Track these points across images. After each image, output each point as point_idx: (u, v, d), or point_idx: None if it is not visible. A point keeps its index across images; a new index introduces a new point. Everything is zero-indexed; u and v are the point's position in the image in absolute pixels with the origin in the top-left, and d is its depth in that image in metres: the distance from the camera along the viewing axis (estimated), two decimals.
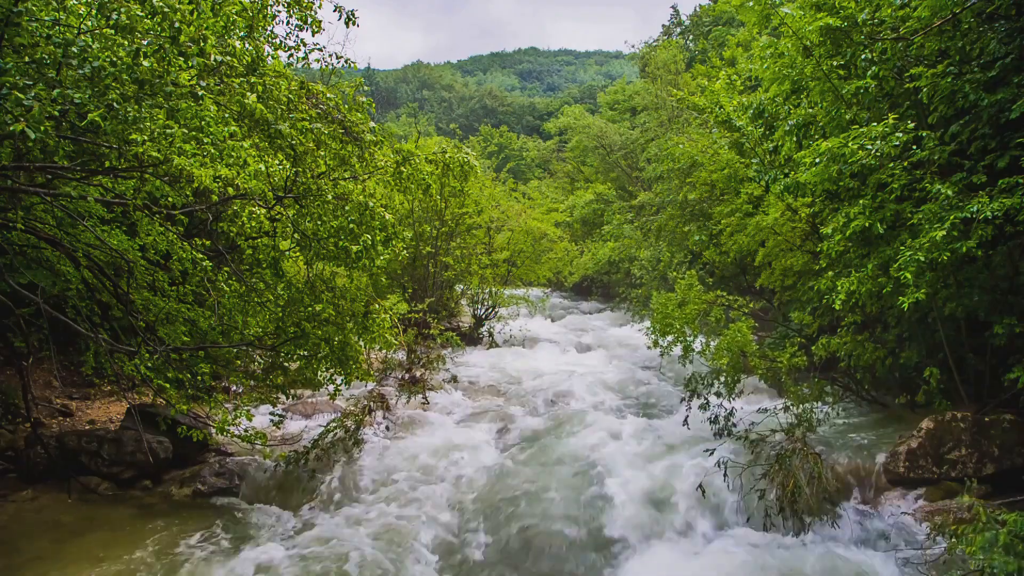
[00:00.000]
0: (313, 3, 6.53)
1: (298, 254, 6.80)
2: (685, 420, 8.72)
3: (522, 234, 18.19)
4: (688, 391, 8.80)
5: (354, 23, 6.70)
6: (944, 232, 5.80)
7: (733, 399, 8.61)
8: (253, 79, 5.55)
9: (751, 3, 8.32)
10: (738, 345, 8.29)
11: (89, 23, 4.26)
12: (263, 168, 5.23)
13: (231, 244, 7.84)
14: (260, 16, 6.18)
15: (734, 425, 8.38)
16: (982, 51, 6.71)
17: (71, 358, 9.51)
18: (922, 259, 5.90)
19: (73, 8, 4.40)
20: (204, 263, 6.32)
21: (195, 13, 4.64)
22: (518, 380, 12.87)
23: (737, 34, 27.54)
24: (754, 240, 10.22)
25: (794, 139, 8.13)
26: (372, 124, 6.74)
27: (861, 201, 6.82)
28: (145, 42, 4.21)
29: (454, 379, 12.20)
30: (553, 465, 8.12)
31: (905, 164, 6.53)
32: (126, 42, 4.20)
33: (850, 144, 6.45)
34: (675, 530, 6.79)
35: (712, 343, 8.76)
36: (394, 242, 6.46)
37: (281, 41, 6.89)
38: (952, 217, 5.88)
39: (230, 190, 5.43)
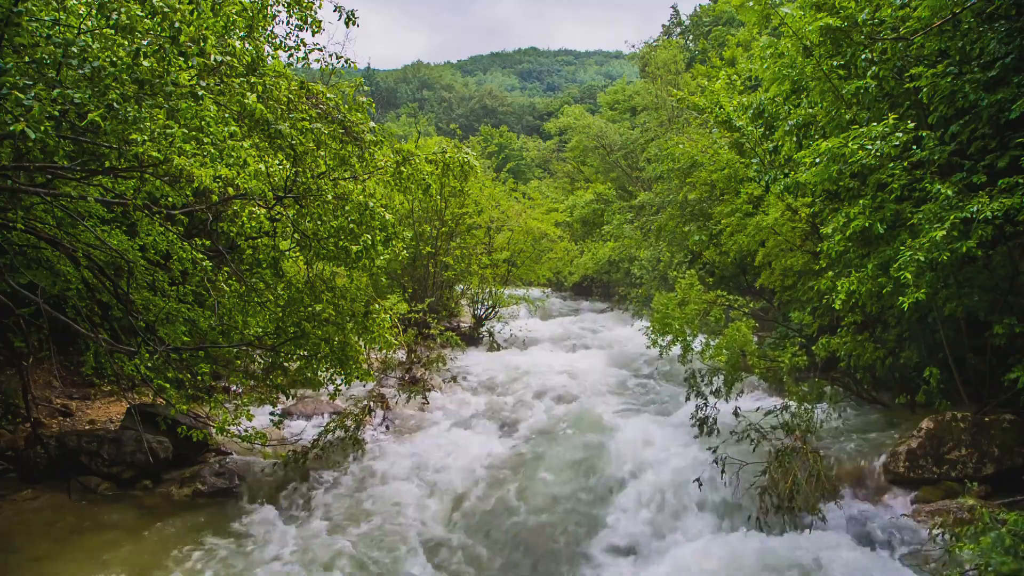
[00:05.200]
0: (313, 3, 6.53)
1: (298, 254, 6.80)
2: (686, 417, 8.72)
3: (522, 234, 18.19)
4: (688, 389, 8.80)
5: (354, 23, 6.70)
6: (944, 232, 5.80)
7: (733, 398, 8.61)
8: (253, 79, 5.54)
9: (751, 3, 8.32)
10: (738, 344, 8.29)
11: (89, 23, 4.26)
12: (263, 168, 5.23)
13: (231, 244, 7.84)
14: (260, 16, 6.18)
15: (734, 424, 8.38)
16: (982, 51, 6.71)
17: (71, 358, 9.51)
18: (922, 259, 5.90)
19: (73, 8, 4.40)
20: (204, 263, 6.31)
21: (195, 13, 4.63)
22: (518, 380, 12.87)
23: (737, 34, 27.55)
24: (754, 240, 10.22)
25: (794, 139, 8.14)
26: (372, 124, 6.73)
27: (861, 201, 6.82)
28: (145, 42, 4.21)
29: (454, 379, 12.21)
30: (553, 464, 8.12)
31: (905, 164, 6.53)
32: (126, 42, 4.19)
33: (850, 144, 6.45)
34: (674, 527, 6.79)
35: (712, 342, 8.76)
36: (394, 242, 6.46)
37: (281, 41, 6.89)
38: (952, 217, 5.88)
39: (230, 190, 5.43)
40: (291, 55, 7.03)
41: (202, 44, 4.43)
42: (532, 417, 10.33)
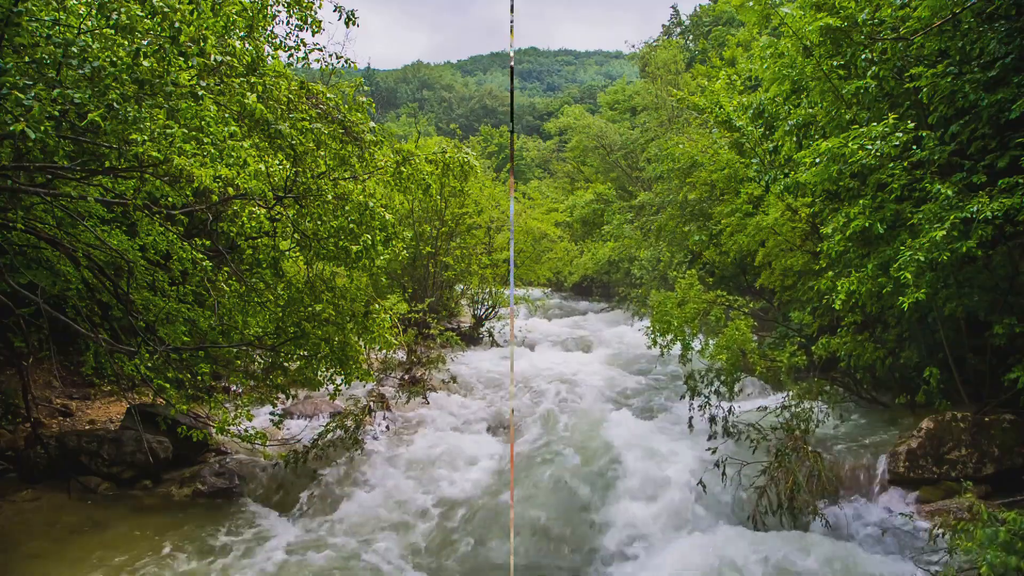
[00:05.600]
0: (313, 3, 6.53)
1: (298, 254, 6.80)
2: (686, 417, 8.72)
3: (522, 234, 18.19)
4: (688, 389, 8.80)
5: (354, 23, 6.70)
6: (944, 232, 5.80)
7: (732, 398, 8.61)
8: (253, 79, 5.54)
9: (751, 3, 8.32)
10: (737, 343, 8.29)
11: (89, 23, 4.25)
12: (263, 168, 5.23)
13: (231, 244, 7.84)
14: (260, 16, 6.18)
15: (734, 424, 8.39)
16: (982, 51, 6.71)
17: (71, 358, 9.50)
18: (922, 259, 5.90)
19: (73, 8, 4.40)
20: (204, 263, 6.32)
21: (195, 13, 4.63)
22: (518, 380, 12.87)
23: (737, 34, 27.56)
24: (754, 240, 10.22)
25: (794, 139, 8.14)
26: (372, 124, 6.73)
27: (861, 201, 6.82)
28: (145, 42, 4.21)
29: (454, 379, 12.19)
30: (552, 464, 8.12)
31: (905, 164, 6.52)
32: (126, 42, 4.19)
33: (850, 144, 6.45)
34: (674, 527, 6.79)
35: (712, 342, 8.77)
36: (394, 242, 6.46)
37: (281, 41, 6.89)
38: (952, 217, 5.88)
39: (230, 190, 5.43)
40: (291, 55, 7.03)
41: (202, 44, 4.42)
42: (531, 416, 10.33)
